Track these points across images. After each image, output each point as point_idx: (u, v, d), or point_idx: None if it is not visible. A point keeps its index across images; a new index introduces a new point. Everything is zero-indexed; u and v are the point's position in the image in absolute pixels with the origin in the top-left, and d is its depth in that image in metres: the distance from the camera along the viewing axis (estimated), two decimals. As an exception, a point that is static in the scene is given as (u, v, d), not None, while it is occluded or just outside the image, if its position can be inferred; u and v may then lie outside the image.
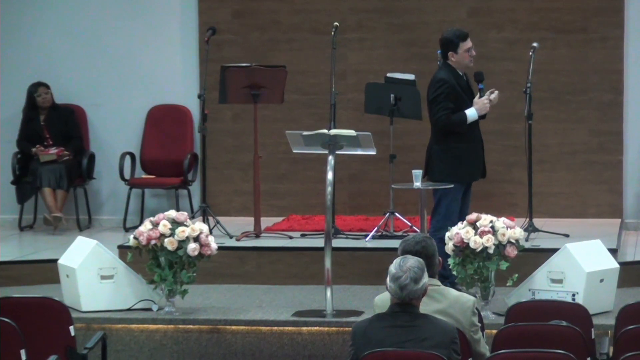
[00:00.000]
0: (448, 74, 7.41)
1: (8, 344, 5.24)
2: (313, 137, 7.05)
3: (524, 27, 9.23)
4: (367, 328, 4.75)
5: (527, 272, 7.00)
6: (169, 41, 9.61)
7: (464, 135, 7.41)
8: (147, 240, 6.86)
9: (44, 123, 9.52)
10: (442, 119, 7.38)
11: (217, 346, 6.86)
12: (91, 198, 9.64)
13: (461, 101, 7.38)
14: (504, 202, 9.08)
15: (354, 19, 9.39)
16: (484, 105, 7.41)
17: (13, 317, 5.37)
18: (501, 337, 5.18)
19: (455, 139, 7.42)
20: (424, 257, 4.97)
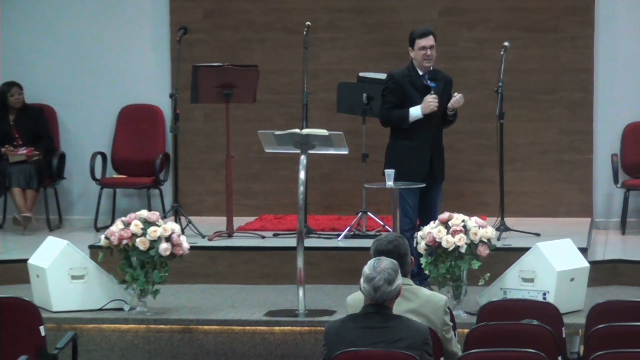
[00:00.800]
0: (402, 70, 7.44)
1: (-22, 344, 5.21)
2: (285, 137, 7.05)
3: (495, 27, 9.27)
4: (340, 328, 4.75)
5: (499, 272, 7.02)
6: (141, 40, 9.57)
7: (408, 134, 7.39)
8: (118, 240, 6.83)
9: (13, 123, 9.46)
10: (382, 113, 7.43)
11: (189, 346, 6.84)
12: (62, 198, 9.59)
13: (409, 98, 7.35)
14: (475, 202, 9.11)
15: (327, 19, 9.39)
16: (428, 104, 7.31)
17: (-17, 317, 5.34)
18: (473, 336, 5.20)
19: (401, 136, 7.43)
20: (396, 256, 4.98)
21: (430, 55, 7.36)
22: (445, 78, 7.49)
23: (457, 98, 7.37)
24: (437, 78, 7.43)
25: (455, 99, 7.37)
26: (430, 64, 7.39)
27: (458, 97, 7.37)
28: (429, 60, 7.37)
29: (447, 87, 7.47)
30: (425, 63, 7.37)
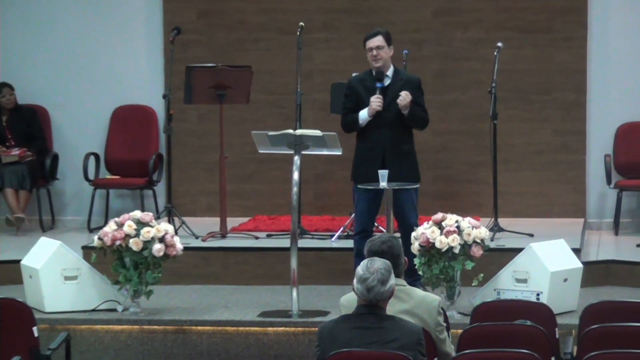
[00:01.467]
0: (360, 74, 7.41)
1: (-30, 345, 5.20)
2: (279, 137, 7.05)
3: (489, 27, 9.28)
4: (334, 329, 4.75)
5: (493, 272, 7.03)
6: (134, 41, 9.56)
7: (362, 136, 7.37)
8: (111, 241, 6.83)
9: (6, 124, 9.44)
10: (341, 120, 7.42)
11: (182, 347, 6.84)
12: (55, 199, 9.57)
13: (362, 102, 7.31)
14: (469, 202, 9.12)
15: (320, 19, 9.39)
16: (370, 104, 7.23)
17: (-25, 318, 5.33)
18: (466, 336, 5.20)
19: (358, 139, 7.42)
20: (390, 256, 4.98)
21: (376, 56, 7.26)
22: (409, 79, 7.34)
23: (401, 96, 7.21)
24: (397, 79, 7.28)
25: (400, 97, 7.22)
26: (378, 64, 7.27)
27: (402, 95, 7.20)
28: (376, 61, 7.27)
29: (408, 87, 7.25)
30: (374, 64, 7.29)
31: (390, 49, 7.33)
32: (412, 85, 7.32)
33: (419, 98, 7.32)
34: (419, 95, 7.32)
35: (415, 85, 7.33)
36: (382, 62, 7.28)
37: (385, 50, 7.29)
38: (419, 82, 7.38)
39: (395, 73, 7.34)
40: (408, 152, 7.32)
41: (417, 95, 7.30)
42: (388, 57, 7.31)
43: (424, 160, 9.33)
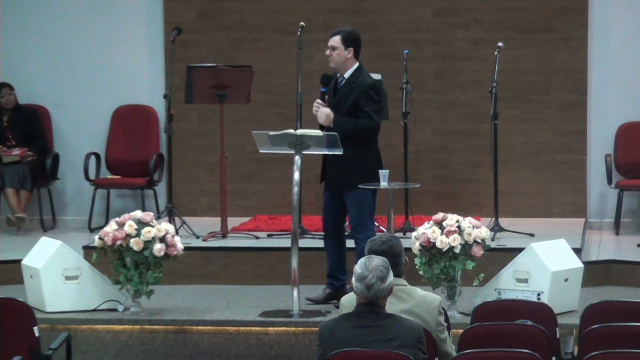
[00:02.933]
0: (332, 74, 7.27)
1: (-28, 345, 5.20)
2: (279, 137, 7.04)
3: (488, 27, 9.28)
4: (334, 328, 4.75)
5: (493, 272, 7.03)
6: (134, 41, 9.56)
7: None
8: (112, 241, 6.83)
9: (6, 124, 9.44)
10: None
11: (183, 346, 6.84)
12: (55, 198, 9.57)
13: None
14: (469, 202, 9.12)
15: (320, 19, 9.39)
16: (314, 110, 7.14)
17: (-24, 318, 5.33)
18: (467, 336, 5.20)
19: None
20: (391, 256, 4.98)
21: (329, 55, 7.11)
22: (359, 83, 7.08)
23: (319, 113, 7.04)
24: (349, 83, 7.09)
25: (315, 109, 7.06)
26: (331, 65, 7.13)
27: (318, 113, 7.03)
28: (329, 61, 7.14)
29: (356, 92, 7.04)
30: (330, 64, 7.18)
31: (349, 51, 7.07)
32: (359, 90, 7.06)
33: (364, 104, 7.02)
34: (363, 101, 7.02)
35: (361, 90, 7.06)
36: (334, 63, 7.11)
37: (339, 51, 7.07)
38: (367, 87, 7.03)
39: (352, 76, 7.09)
40: (346, 158, 7.00)
41: (362, 101, 7.02)
42: (343, 59, 7.07)
43: (424, 160, 9.38)
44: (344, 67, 7.12)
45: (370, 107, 7.05)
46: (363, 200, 7.08)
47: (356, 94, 7.07)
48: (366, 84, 7.08)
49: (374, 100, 7.06)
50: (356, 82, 7.10)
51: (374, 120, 7.05)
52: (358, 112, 7.04)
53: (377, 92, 7.13)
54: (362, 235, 7.05)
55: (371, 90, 7.07)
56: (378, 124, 7.09)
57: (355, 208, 7.12)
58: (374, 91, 7.08)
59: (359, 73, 7.14)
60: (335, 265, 7.25)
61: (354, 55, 7.14)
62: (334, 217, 7.24)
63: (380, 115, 7.14)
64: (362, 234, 7.08)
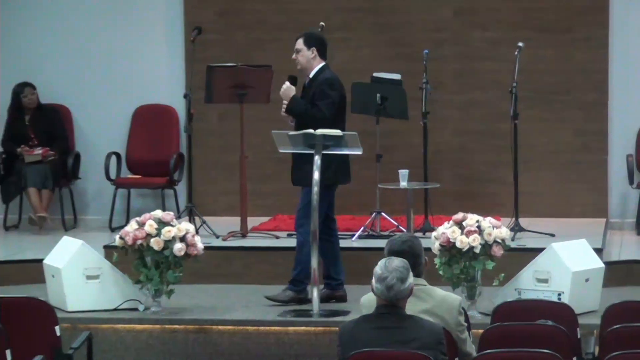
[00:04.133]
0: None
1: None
2: (299, 137, 7.05)
3: (508, 27, 9.26)
4: (354, 329, 4.75)
5: (513, 272, 7.01)
6: (155, 41, 9.60)
7: None
8: (133, 240, 6.85)
9: (29, 123, 9.48)
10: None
11: (203, 346, 6.86)
12: (77, 198, 9.61)
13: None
14: (489, 202, 9.10)
15: (339, 19, 9.39)
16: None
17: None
18: (487, 336, 5.19)
19: None
20: (410, 256, 4.98)
21: (295, 59, 7.26)
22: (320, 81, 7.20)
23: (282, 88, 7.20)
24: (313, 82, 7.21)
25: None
26: (299, 67, 7.27)
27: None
28: (297, 64, 7.28)
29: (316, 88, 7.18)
30: (297, 67, 7.31)
31: (312, 50, 7.20)
32: (314, 86, 7.22)
33: (317, 98, 7.14)
34: (317, 95, 7.15)
35: (315, 86, 7.21)
36: (300, 65, 7.24)
37: (302, 53, 7.22)
38: (322, 82, 7.17)
39: (315, 74, 7.23)
40: (305, 155, 7.09)
41: (316, 96, 7.15)
42: (307, 59, 7.21)
43: (444, 159, 9.37)
44: (309, 67, 7.25)
45: (321, 101, 7.17)
46: (309, 197, 7.13)
47: (313, 92, 7.20)
48: (322, 79, 7.21)
49: (326, 94, 7.18)
50: (317, 80, 7.22)
51: (322, 112, 7.15)
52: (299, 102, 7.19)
53: (331, 87, 7.21)
54: (302, 230, 7.18)
55: (324, 85, 7.19)
56: (327, 117, 7.14)
57: (302, 202, 7.21)
58: (327, 86, 7.19)
59: (322, 72, 7.25)
60: (327, 265, 7.27)
61: (318, 54, 7.24)
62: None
63: (331, 109, 7.18)
64: (302, 227, 7.17)
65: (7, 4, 9.64)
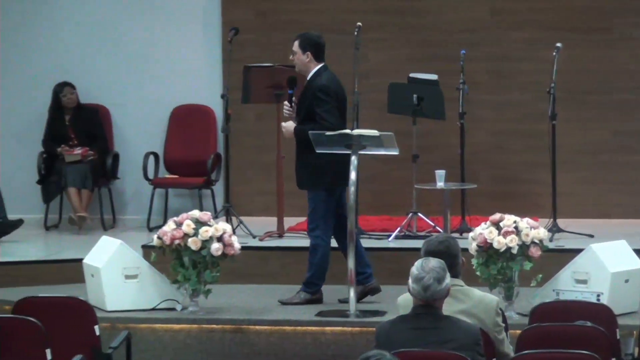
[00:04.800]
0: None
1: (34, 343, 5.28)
2: (336, 137, 7.06)
3: (546, 27, 9.21)
4: (391, 330, 4.75)
5: (551, 273, 6.98)
6: (193, 41, 9.64)
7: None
8: (170, 240, 6.89)
9: (69, 123, 9.55)
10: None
11: (240, 346, 6.88)
12: (115, 198, 9.67)
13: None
14: (527, 203, 9.05)
15: (376, 19, 9.39)
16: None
17: (38, 316, 5.40)
18: (525, 337, 5.17)
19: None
20: (447, 256, 4.97)
21: (292, 60, 7.25)
22: (312, 86, 7.16)
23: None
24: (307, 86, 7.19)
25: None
26: (297, 69, 7.27)
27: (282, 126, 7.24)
28: (295, 66, 7.26)
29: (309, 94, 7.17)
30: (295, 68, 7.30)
31: (307, 55, 7.19)
32: (310, 92, 7.18)
33: (315, 106, 7.13)
34: (314, 103, 7.14)
35: (311, 93, 7.18)
36: (297, 67, 7.25)
37: (298, 56, 7.21)
38: (316, 90, 7.13)
39: (311, 78, 7.20)
40: (304, 157, 7.17)
41: (314, 104, 7.14)
42: (303, 63, 7.20)
43: (481, 160, 9.34)
44: (305, 70, 7.26)
45: (321, 109, 7.15)
46: (318, 199, 7.18)
47: (309, 97, 7.19)
48: (316, 87, 7.18)
49: (323, 100, 7.15)
50: (312, 84, 7.21)
51: (325, 121, 7.14)
52: (314, 115, 7.15)
53: (326, 92, 7.19)
54: (313, 234, 7.20)
55: (319, 92, 7.17)
56: (331, 123, 7.14)
57: (311, 206, 7.23)
58: (322, 92, 7.17)
59: (318, 75, 7.23)
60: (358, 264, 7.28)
61: (313, 58, 7.23)
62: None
63: (333, 114, 7.17)
64: (313, 232, 7.20)
65: (48, 4, 9.73)
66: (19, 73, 9.70)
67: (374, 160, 9.08)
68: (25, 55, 9.71)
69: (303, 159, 7.23)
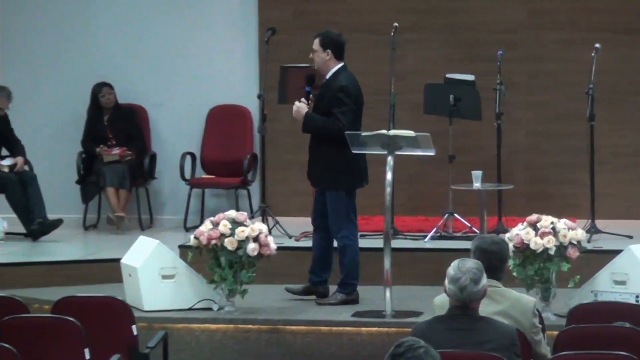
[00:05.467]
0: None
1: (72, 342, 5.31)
2: (372, 138, 7.06)
3: (583, 28, 9.15)
4: (427, 330, 4.74)
5: (589, 274, 6.94)
6: (230, 42, 9.67)
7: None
8: (207, 240, 6.91)
9: (107, 123, 9.61)
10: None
11: (276, 346, 6.89)
12: (153, 198, 9.73)
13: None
14: (564, 204, 9.00)
15: (412, 20, 9.37)
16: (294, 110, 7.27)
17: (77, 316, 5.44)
18: (563, 338, 5.14)
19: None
20: (497, 259, 5.00)
21: (312, 58, 7.24)
22: (332, 85, 7.14)
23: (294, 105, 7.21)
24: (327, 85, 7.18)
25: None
26: (316, 67, 7.26)
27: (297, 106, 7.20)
28: (314, 64, 7.25)
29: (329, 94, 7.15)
30: (314, 66, 7.29)
31: (327, 53, 7.17)
32: (330, 91, 7.17)
33: (333, 106, 7.12)
34: (332, 103, 7.12)
35: (332, 92, 7.16)
36: (317, 65, 7.24)
37: (318, 54, 7.20)
38: (336, 89, 7.13)
39: (331, 77, 7.19)
40: (324, 158, 7.16)
41: (332, 103, 7.12)
42: (322, 61, 7.18)
43: (518, 161, 9.30)
44: (325, 68, 7.24)
45: (338, 109, 7.13)
46: (338, 199, 7.17)
47: (329, 96, 7.16)
48: (336, 87, 7.16)
49: (342, 102, 7.14)
50: (332, 83, 7.18)
51: (340, 122, 7.12)
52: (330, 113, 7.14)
53: (347, 94, 7.17)
54: (339, 235, 7.19)
55: (340, 92, 7.15)
56: (345, 126, 7.12)
57: (332, 208, 7.21)
58: (343, 93, 7.15)
59: (338, 74, 7.22)
60: (318, 260, 7.26)
61: (334, 56, 7.22)
62: (321, 213, 7.29)
63: (348, 116, 7.15)
64: (339, 233, 7.18)
65: (86, 5, 9.80)
66: (58, 74, 9.78)
67: (410, 161, 9.06)
68: (65, 56, 9.80)
69: (320, 158, 7.22)
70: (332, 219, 7.22)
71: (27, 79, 9.67)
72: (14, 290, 7.25)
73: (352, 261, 7.23)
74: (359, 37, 9.49)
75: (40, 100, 9.78)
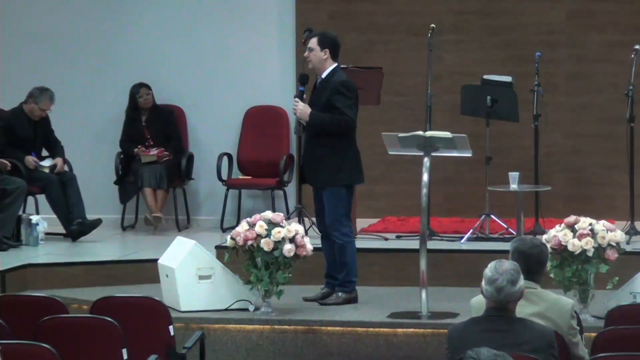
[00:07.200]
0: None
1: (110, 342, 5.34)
2: (409, 139, 7.05)
3: (625, 29, 9.08)
4: (463, 332, 4.73)
5: (628, 276, 6.88)
6: (267, 43, 9.70)
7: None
8: (243, 241, 6.93)
9: (145, 124, 9.67)
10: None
11: (312, 347, 6.90)
12: (190, 198, 9.77)
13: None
14: (602, 205, 8.94)
15: (450, 21, 9.35)
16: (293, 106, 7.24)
17: (115, 316, 5.46)
18: (601, 340, 5.11)
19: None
20: (536, 262, 4.98)
21: (307, 57, 7.21)
22: (333, 81, 7.14)
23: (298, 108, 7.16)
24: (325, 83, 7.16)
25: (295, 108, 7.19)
26: (310, 66, 7.22)
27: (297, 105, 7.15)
28: (308, 63, 7.22)
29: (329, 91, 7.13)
30: (308, 65, 7.25)
31: (325, 52, 7.14)
32: (331, 87, 7.14)
33: (336, 100, 7.10)
34: (335, 97, 7.10)
35: (333, 87, 7.14)
36: (312, 64, 7.20)
37: (315, 53, 7.16)
38: (338, 84, 7.11)
39: (328, 76, 7.17)
40: (321, 156, 7.13)
41: (334, 98, 7.10)
42: (320, 60, 7.15)
43: (556, 162, 9.25)
44: (321, 67, 7.20)
45: (342, 103, 7.11)
46: (337, 197, 7.14)
47: (329, 92, 7.13)
48: (337, 82, 7.15)
49: (346, 96, 7.12)
50: (329, 81, 7.16)
51: (346, 115, 7.10)
52: (332, 109, 7.11)
53: (349, 88, 7.16)
54: (338, 233, 7.16)
55: (342, 86, 7.13)
56: (352, 118, 7.12)
57: (330, 205, 7.18)
58: (345, 87, 7.14)
59: (334, 73, 7.20)
60: (332, 265, 7.24)
61: (330, 56, 7.19)
62: (324, 218, 7.27)
63: (353, 110, 7.15)
64: (338, 231, 7.16)
65: (124, 6, 9.87)
66: (97, 75, 9.86)
67: (447, 162, 9.04)
68: (104, 57, 9.87)
69: (317, 155, 7.18)
70: (330, 217, 7.20)
71: (67, 81, 9.76)
72: (54, 291, 7.32)
73: (351, 259, 7.23)
74: (397, 38, 9.49)
75: (80, 101, 9.86)
